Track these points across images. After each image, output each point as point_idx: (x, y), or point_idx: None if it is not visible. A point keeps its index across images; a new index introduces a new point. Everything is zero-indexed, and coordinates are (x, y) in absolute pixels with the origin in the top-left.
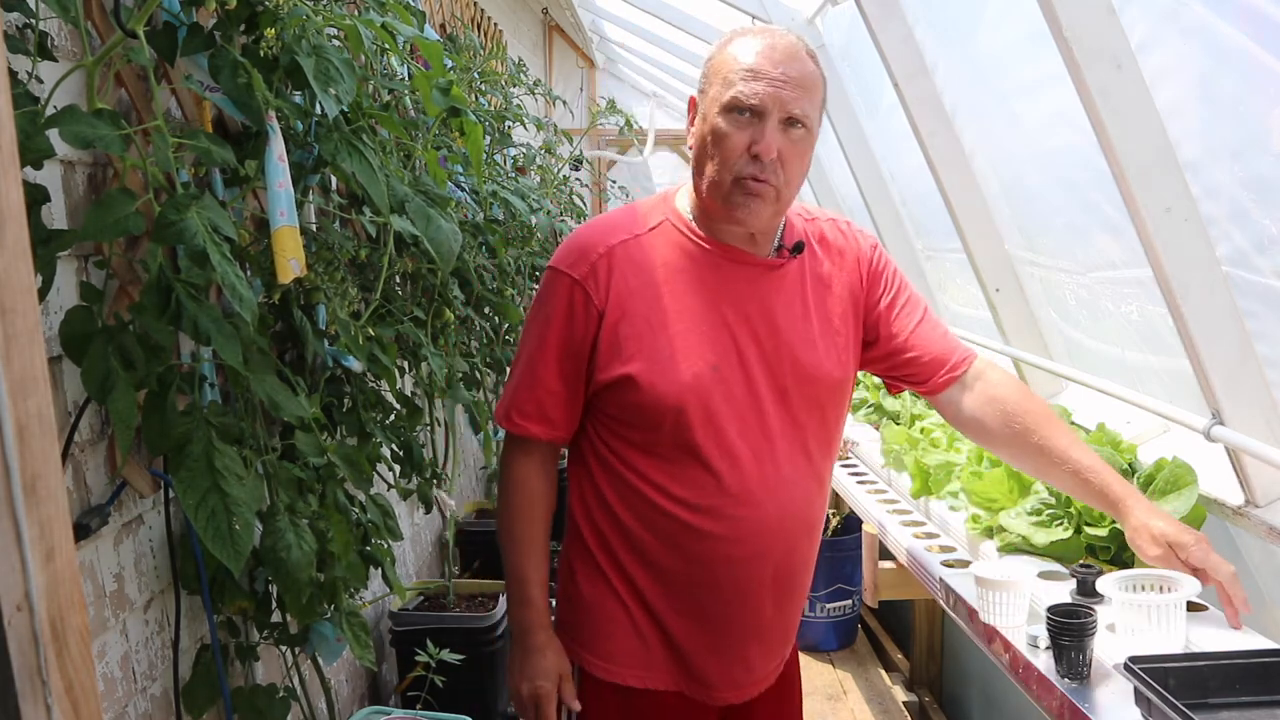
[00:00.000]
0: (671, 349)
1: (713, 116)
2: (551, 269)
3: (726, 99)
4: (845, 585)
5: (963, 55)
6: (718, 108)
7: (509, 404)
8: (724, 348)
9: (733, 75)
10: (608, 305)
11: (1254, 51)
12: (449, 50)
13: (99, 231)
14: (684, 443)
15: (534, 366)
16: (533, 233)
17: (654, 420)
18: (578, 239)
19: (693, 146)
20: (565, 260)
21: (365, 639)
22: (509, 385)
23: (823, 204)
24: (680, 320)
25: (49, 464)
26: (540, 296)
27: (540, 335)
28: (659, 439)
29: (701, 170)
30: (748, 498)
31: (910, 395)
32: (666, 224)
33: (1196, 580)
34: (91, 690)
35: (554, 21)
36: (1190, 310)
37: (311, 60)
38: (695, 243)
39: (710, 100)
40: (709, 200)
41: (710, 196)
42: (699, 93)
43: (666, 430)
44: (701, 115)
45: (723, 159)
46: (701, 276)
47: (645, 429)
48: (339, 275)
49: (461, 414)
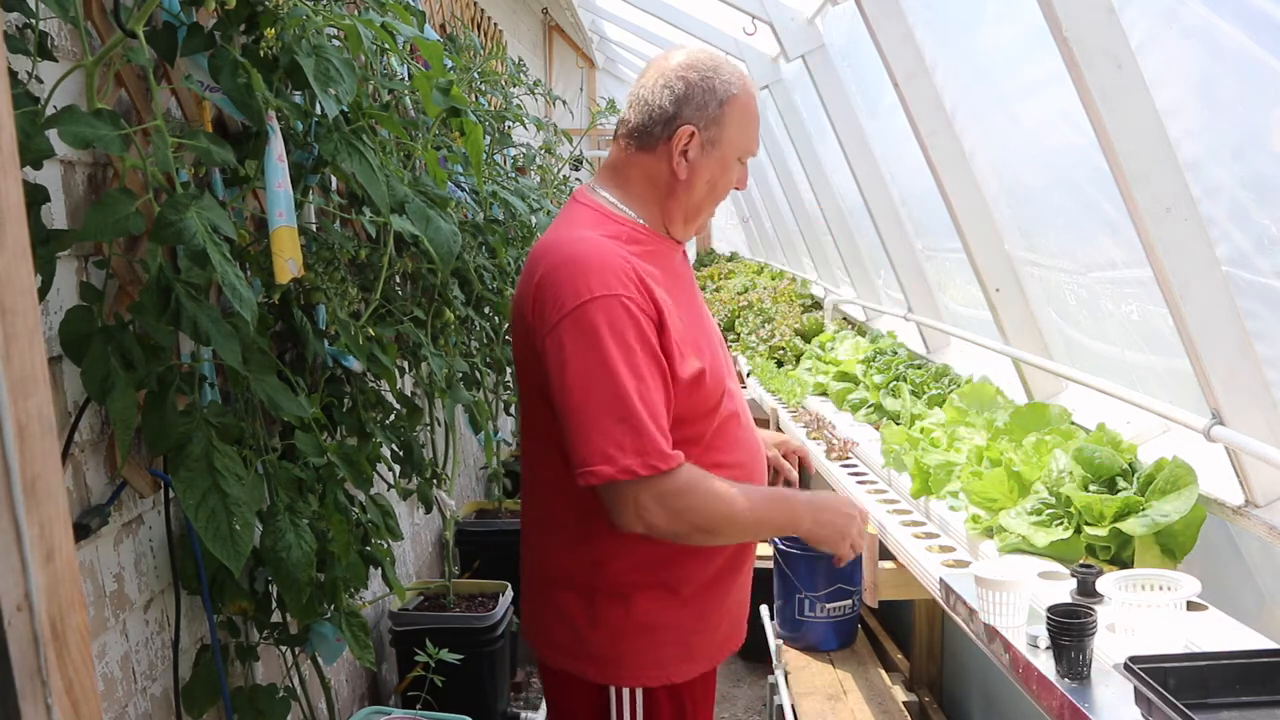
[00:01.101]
0: (701, 336)
1: (732, 162)
2: (596, 300)
3: (749, 151)
4: (845, 585)
5: (963, 55)
6: (738, 155)
7: (647, 447)
8: (708, 327)
9: (752, 130)
10: (657, 310)
11: (1254, 51)
12: (449, 50)
13: (99, 231)
14: (728, 412)
15: (650, 393)
16: (533, 233)
17: (715, 404)
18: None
19: (684, 177)
20: (601, 285)
21: (365, 639)
22: (621, 432)
23: (822, 204)
24: (689, 311)
25: (49, 464)
26: (592, 332)
27: (631, 364)
28: (710, 421)
29: (696, 200)
30: (752, 442)
31: (911, 395)
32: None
33: (1196, 580)
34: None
35: (554, 21)
36: (1190, 310)
37: (311, 60)
38: (667, 243)
39: (732, 147)
40: (679, 219)
41: (688, 219)
42: (712, 123)
43: (719, 409)
44: (718, 157)
45: (720, 196)
46: (677, 271)
47: (702, 417)
48: (339, 275)
49: (461, 414)
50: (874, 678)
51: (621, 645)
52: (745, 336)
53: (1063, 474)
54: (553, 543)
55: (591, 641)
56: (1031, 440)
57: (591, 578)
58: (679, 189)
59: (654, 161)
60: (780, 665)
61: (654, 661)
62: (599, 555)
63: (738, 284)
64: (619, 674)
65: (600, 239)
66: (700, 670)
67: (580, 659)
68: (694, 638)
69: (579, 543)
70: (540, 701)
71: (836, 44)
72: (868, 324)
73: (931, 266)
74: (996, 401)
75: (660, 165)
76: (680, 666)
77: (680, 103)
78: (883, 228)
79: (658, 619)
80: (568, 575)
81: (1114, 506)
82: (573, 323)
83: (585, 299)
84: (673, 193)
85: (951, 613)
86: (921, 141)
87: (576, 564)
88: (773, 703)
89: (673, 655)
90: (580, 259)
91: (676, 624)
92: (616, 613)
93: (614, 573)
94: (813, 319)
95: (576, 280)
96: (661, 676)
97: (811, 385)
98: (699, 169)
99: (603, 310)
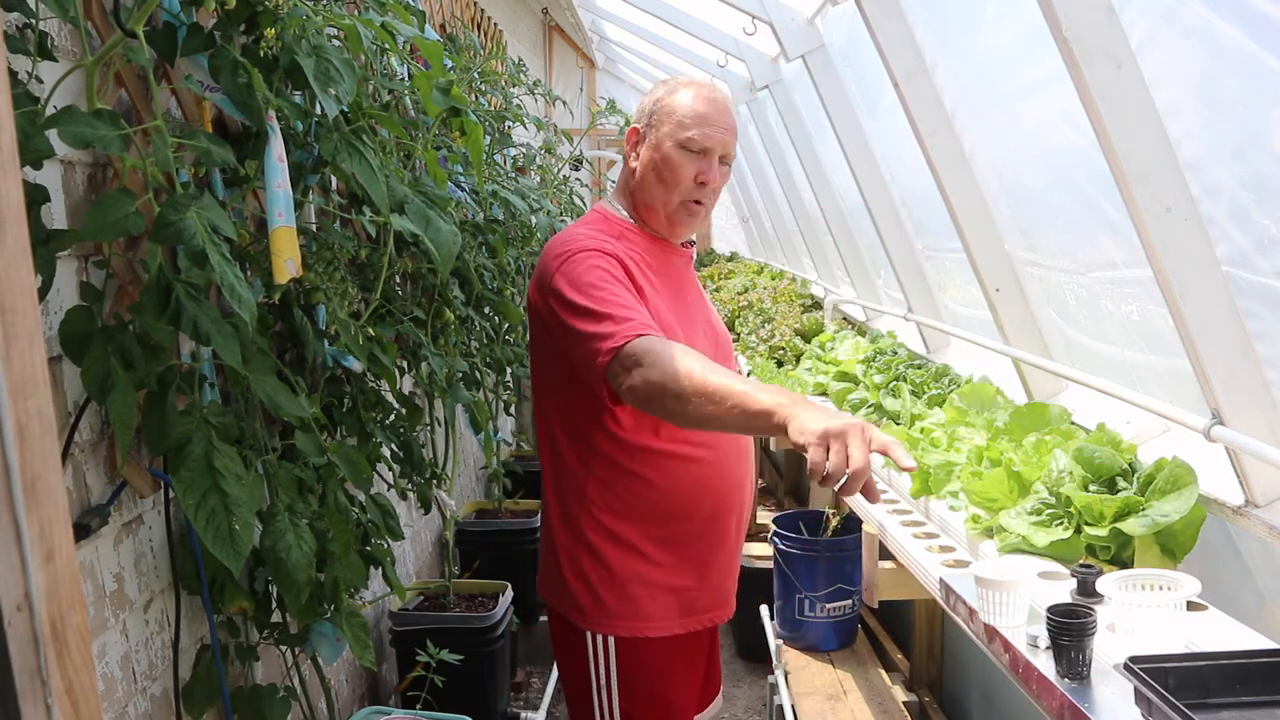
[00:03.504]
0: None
1: (666, 149)
2: (577, 251)
3: (682, 138)
4: (845, 585)
5: (963, 55)
6: (671, 143)
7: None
8: (697, 323)
9: (687, 119)
10: (629, 278)
11: (1254, 51)
12: (449, 50)
13: (99, 231)
14: None
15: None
16: (533, 232)
17: None
18: (576, 233)
19: (637, 170)
20: (583, 243)
21: (365, 639)
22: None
23: (822, 204)
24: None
25: (49, 464)
26: (576, 267)
27: (608, 279)
28: None
29: (647, 189)
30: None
31: (911, 395)
32: (629, 230)
33: (1196, 580)
34: (91, 690)
35: (554, 21)
36: (1190, 310)
37: (311, 60)
38: (661, 244)
39: (663, 135)
40: (650, 213)
41: (655, 211)
42: (646, 127)
43: None
44: (652, 145)
45: (673, 185)
46: (663, 267)
47: None
48: (339, 275)
49: (461, 414)
50: (874, 678)
51: (601, 593)
52: (745, 336)
53: (1063, 474)
54: (549, 495)
55: (576, 590)
56: (1031, 440)
57: (576, 527)
58: (633, 183)
59: (625, 167)
60: (780, 665)
61: (632, 613)
62: (580, 505)
63: (738, 284)
64: (597, 621)
65: (592, 230)
66: (676, 629)
67: (568, 605)
68: (668, 596)
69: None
70: (540, 701)
71: (836, 44)
72: (868, 324)
73: (931, 266)
74: (996, 401)
75: (627, 167)
76: (655, 622)
77: (637, 115)
78: (883, 228)
79: (633, 573)
80: (560, 525)
81: (1114, 506)
82: (560, 270)
83: (570, 250)
84: (632, 188)
85: (951, 613)
86: (921, 141)
87: (564, 514)
88: (773, 703)
89: (648, 610)
90: (570, 234)
91: (653, 580)
92: (593, 564)
93: (593, 525)
94: (813, 319)
95: (565, 243)
96: (634, 629)
97: (811, 385)
98: (645, 162)
99: (585, 256)
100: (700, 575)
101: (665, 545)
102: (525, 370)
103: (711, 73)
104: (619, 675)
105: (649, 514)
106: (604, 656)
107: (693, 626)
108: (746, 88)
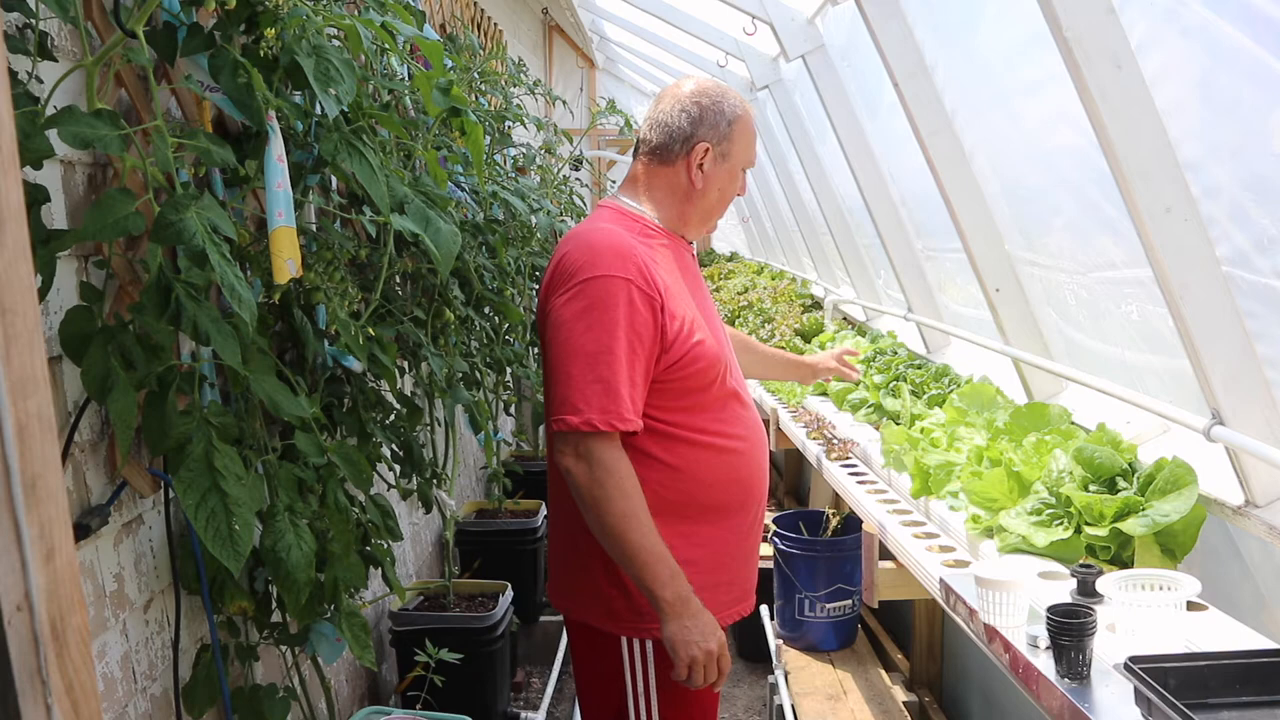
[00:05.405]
0: (703, 316)
1: (738, 172)
2: (602, 277)
3: (750, 162)
4: (845, 585)
5: (963, 55)
6: (743, 167)
7: (611, 408)
8: (711, 313)
9: (753, 144)
10: (659, 292)
11: (1254, 51)
12: (449, 50)
13: (99, 231)
14: (727, 390)
15: (630, 365)
16: (533, 233)
17: (713, 376)
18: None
19: (699, 184)
20: (610, 267)
21: (365, 639)
22: (595, 392)
23: (822, 204)
24: (694, 296)
25: (49, 464)
26: (595, 303)
27: (619, 336)
28: (710, 393)
29: (710, 204)
30: (754, 420)
31: (911, 395)
32: (650, 226)
33: (1196, 580)
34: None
35: (554, 21)
36: (1190, 310)
37: (311, 60)
38: (676, 239)
39: (739, 159)
40: (696, 223)
41: (701, 221)
42: (723, 140)
43: (717, 383)
44: (727, 169)
45: (729, 201)
46: (686, 265)
47: (701, 389)
48: (339, 275)
49: (461, 414)
50: (874, 678)
51: (636, 596)
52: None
53: (1063, 474)
54: (566, 500)
55: (610, 596)
56: (1031, 440)
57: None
58: (695, 196)
59: (673, 174)
60: (780, 665)
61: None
62: None
63: (738, 284)
64: (633, 626)
65: (615, 229)
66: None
67: (598, 612)
68: (703, 592)
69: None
70: (540, 701)
71: (836, 44)
72: (868, 324)
73: (931, 266)
74: (996, 401)
75: (679, 177)
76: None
77: (696, 124)
78: (883, 228)
79: None
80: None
81: (1114, 506)
82: (580, 291)
83: (595, 274)
84: (690, 199)
85: (951, 613)
86: (921, 141)
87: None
88: (773, 703)
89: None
90: (596, 243)
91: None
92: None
93: None
94: (813, 319)
95: (590, 257)
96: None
97: (811, 385)
98: (711, 179)
99: (608, 287)
100: (731, 569)
101: (701, 540)
102: (525, 370)
103: (711, 73)
104: (658, 680)
105: (686, 508)
106: (641, 661)
107: (723, 621)
108: (746, 88)
